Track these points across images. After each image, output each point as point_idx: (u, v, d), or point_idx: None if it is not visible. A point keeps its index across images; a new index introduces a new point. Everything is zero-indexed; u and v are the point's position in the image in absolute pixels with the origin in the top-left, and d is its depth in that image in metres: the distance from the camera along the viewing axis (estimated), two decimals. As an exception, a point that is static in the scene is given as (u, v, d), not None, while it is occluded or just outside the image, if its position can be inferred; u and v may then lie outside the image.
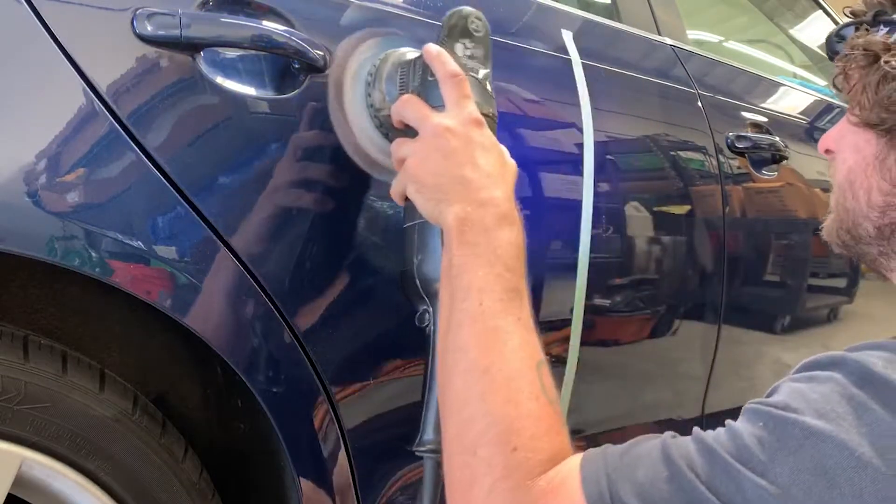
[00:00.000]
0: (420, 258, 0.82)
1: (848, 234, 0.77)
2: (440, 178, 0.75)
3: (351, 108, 0.87)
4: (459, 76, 0.78)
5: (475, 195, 0.74)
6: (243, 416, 0.95)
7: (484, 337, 0.69)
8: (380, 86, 0.87)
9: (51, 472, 0.77)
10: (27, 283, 0.86)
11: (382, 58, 0.89)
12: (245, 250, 0.82)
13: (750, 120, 1.55)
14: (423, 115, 0.78)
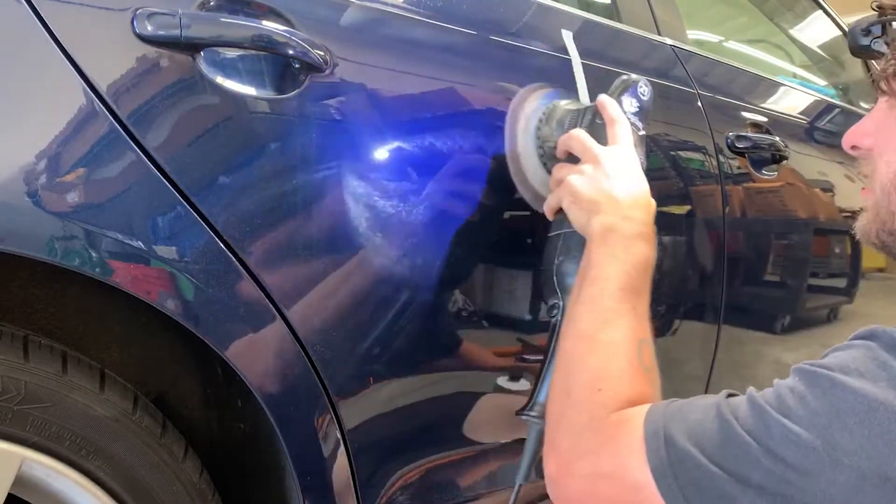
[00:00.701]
0: (560, 259, 0.94)
1: (892, 237, 0.75)
2: (596, 194, 0.88)
3: (522, 138, 1.02)
4: (624, 122, 0.93)
5: (622, 211, 0.87)
6: (243, 417, 0.95)
7: (597, 313, 0.81)
8: (550, 124, 1.02)
9: (51, 472, 0.77)
10: (27, 283, 0.86)
11: (553, 105, 1.04)
12: (245, 250, 0.82)
13: (750, 120, 1.55)
14: (588, 146, 0.92)
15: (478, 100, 1.02)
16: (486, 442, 1.10)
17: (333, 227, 0.88)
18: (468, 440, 1.07)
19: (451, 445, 1.06)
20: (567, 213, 0.93)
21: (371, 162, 0.91)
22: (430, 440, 1.05)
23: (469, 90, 1.02)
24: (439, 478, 1.06)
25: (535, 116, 1.04)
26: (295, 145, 0.84)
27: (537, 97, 1.05)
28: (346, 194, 0.89)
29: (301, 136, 0.85)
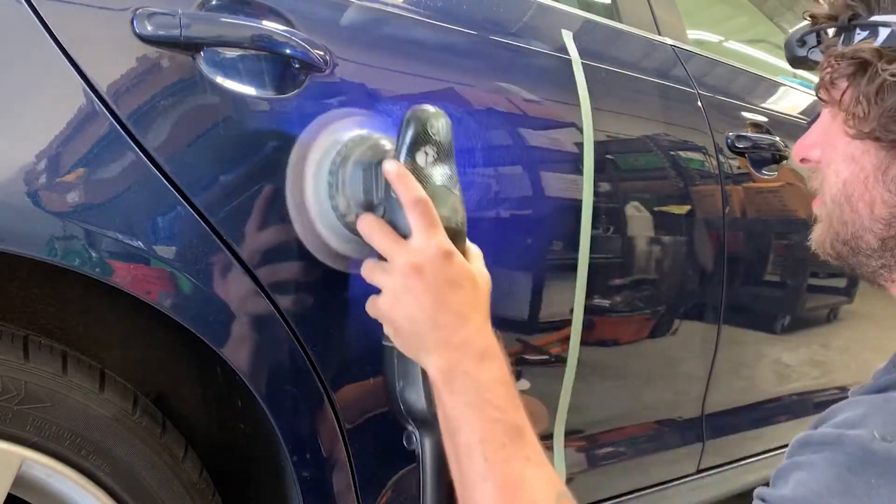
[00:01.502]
0: (402, 384, 0.83)
1: (846, 247, 0.73)
2: (415, 325, 0.76)
3: (314, 207, 0.85)
4: (423, 202, 0.76)
5: (450, 339, 0.75)
6: (243, 417, 0.95)
7: (499, 493, 0.70)
8: (344, 190, 0.84)
9: (51, 472, 0.77)
10: (27, 283, 0.86)
11: (342, 153, 0.85)
12: (245, 250, 0.82)
13: (750, 120, 1.55)
14: (391, 248, 0.77)
15: (478, 100, 1.02)
16: (486, 442, 1.10)
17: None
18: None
19: (451, 445, 1.06)
20: (393, 342, 0.80)
21: (371, 162, 0.90)
22: (430, 440, 1.05)
23: (469, 90, 1.02)
24: (439, 478, 1.06)
25: (325, 172, 0.85)
26: (295, 145, 0.84)
27: (324, 142, 0.86)
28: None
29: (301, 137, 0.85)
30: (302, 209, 0.85)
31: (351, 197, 0.84)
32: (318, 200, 0.85)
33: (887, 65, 0.65)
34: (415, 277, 0.75)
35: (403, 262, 0.76)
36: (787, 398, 1.70)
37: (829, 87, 0.71)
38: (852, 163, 0.70)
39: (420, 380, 0.80)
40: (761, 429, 1.62)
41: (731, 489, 1.63)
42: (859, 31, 0.69)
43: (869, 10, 0.69)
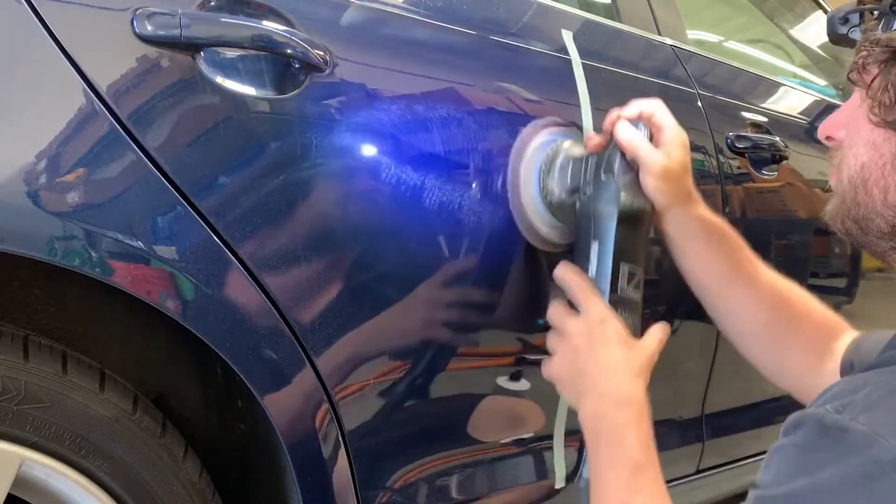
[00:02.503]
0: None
1: (856, 225, 0.75)
2: (571, 375, 0.88)
3: (526, 189, 0.99)
4: (584, 289, 0.89)
5: (596, 387, 0.85)
6: (243, 417, 0.95)
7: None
8: (553, 174, 0.98)
9: (51, 472, 0.77)
10: (27, 283, 0.86)
11: (554, 149, 1.00)
12: (245, 250, 0.82)
13: (750, 120, 1.55)
14: (562, 322, 0.90)
15: (478, 100, 1.02)
16: (486, 442, 1.10)
17: (334, 226, 0.88)
18: (468, 440, 1.07)
19: (451, 446, 1.06)
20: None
21: (371, 162, 0.91)
22: (430, 440, 1.05)
23: (469, 90, 1.02)
24: (439, 478, 1.06)
25: (538, 161, 1.00)
26: (295, 145, 0.84)
27: (540, 137, 1.02)
28: (345, 194, 0.89)
29: (301, 137, 0.85)
30: (516, 194, 0.99)
31: (558, 180, 0.97)
32: (529, 185, 0.99)
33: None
34: (575, 340, 0.88)
35: (570, 331, 0.89)
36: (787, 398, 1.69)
37: (861, 70, 0.72)
38: (873, 149, 0.71)
39: None
40: (761, 429, 1.62)
41: (731, 489, 1.63)
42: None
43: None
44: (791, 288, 1.03)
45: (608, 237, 0.90)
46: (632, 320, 0.91)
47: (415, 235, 0.94)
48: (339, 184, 0.88)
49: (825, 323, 1.01)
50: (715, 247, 0.99)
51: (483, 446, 1.10)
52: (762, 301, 1.00)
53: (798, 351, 1.01)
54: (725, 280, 1.00)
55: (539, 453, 1.16)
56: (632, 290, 0.91)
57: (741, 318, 1.02)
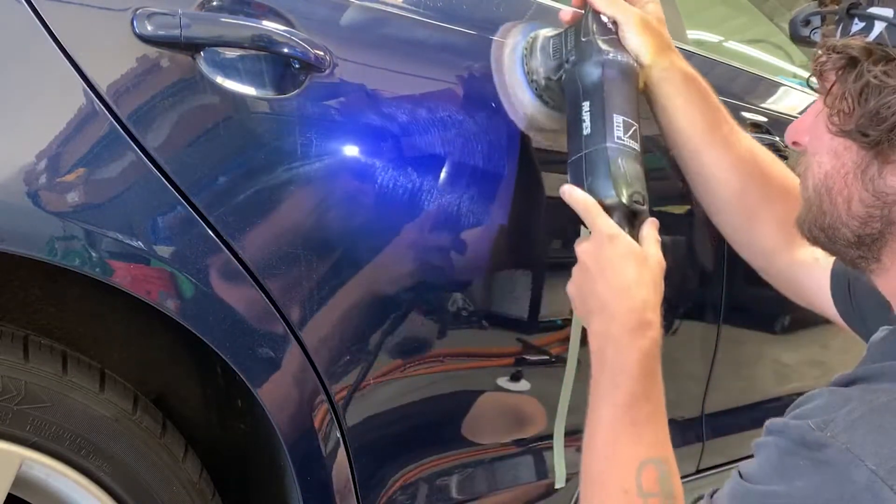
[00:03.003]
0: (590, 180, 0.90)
1: (823, 234, 0.73)
2: (583, 297, 0.87)
3: (511, 78, 1.00)
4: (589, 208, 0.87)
5: (605, 311, 0.83)
6: (243, 417, 0.95)
7: (595, 446, 0.80)
8: (536, 55, 1.00)
9: (51, 472, 0.77)
10: (27, 282, 0.86)
11: (533, 35, 1.02)
12: (244, 250, 0.82)
13: (750, 120, 1.55)
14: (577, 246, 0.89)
15: (477, 100, 1.02)
16: (485, 442, 1.10)
17: (334, 226, 0.88)
18: (468, 441, 1.07)
19: (451, 446, 1.06)
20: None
21: (372, 162, 0.91)
22: (430, 440, 1.05)
23: (469, 90, 1.02)
24: (439, 478, 1.06)
25: (519, 49, 1.02)
26: (295, 146, 0.84)
27: (517, 31, 1.04)
28: (345, 194, 0.89)
29: (301, 137, 0.85)
30: (502, 83, 1.00)
31: (542, 61, 0.99)
32: (514, 71, 1.00)
33: (873, 65, 0.64)
34: (585, 262, 0.87)
35: (580, 252, 0.88)
36: (786, 398, 1.70)
37: (820, 77, 0.71)
38: (834, 157, 0.70)
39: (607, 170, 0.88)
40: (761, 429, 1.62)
41: (730, 489, 1.63)
42: (857, 21, 0.68)
43: (869, 1, 0.68)
44: (771, 161, 1.01)
45: (597, 92, 0.91)
46: (633, 167, 0.89)
47: (415, 235, 0.94)
48: (339, 184, 0.88)
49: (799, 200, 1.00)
50: (694, 103, 0.98)
51: (483, 446, 1.10)
52: (736, 167, 0.98)
53: (767, 226, 0.99)
54: (701, 139, 0.99)
55: (539, 453, 1.16)
56: (629, 139, 0.90)
57: (713, 183, 1.00)
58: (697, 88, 0.98)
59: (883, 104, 0.64)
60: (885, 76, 0.63)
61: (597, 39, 0.92)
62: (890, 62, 0.64)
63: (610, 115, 0.89)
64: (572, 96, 0.93)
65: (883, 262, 0.70)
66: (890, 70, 0.63)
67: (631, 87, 0.93)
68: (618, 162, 0.88)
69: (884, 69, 0.64)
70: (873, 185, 0.67)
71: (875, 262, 0.71)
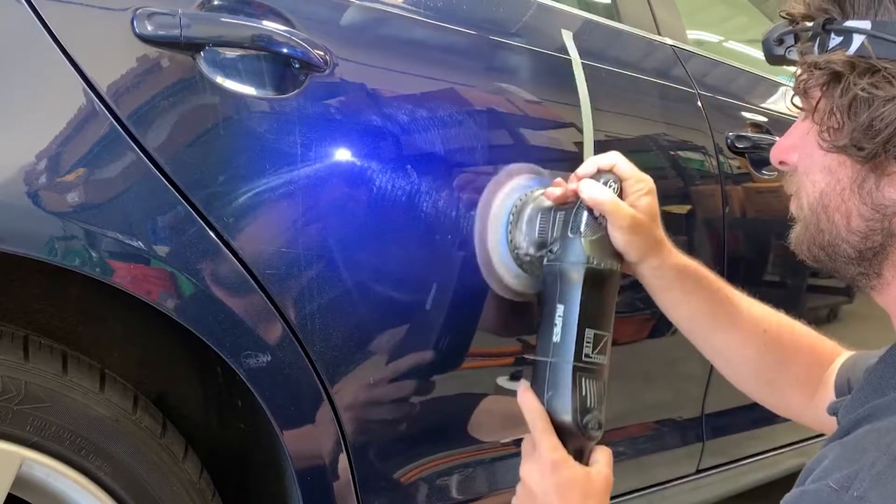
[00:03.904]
0: (551, 394, 0.88)
1: (823, 252, 0.72)
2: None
3: (492, 237, 0.98)
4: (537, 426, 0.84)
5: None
6: (243, 417, 0.95)
7: None
8: (521, 227, 0.97)
9: (51, 472, 0.77)
10: (27, 282, 0.86)
11: (524, 199, 0.98)
12: (244, 250, 0.82)
13: (750, 120, 1.55)
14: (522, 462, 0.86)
15: (478, 100, 1.02)
16: (486, 442, 1.10)
17: (334, 226, 0.88)
18: (468, 440, 1.07)
19: (451, 446, 1.06)
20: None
21: (372, 162, 0.91)
22: (430, 440, 1.05)
23: (469, 90, 1.02)
24: (439, 478, 1.06)
25: (507, 212, 0.98)
26: (295, 146, 0.84)
27: (511, 185, 1.00)
28: (345, 194, 0.89)
29: (301, 137, 0.85)
30: (483, 242, 0.97)
31: (526, 234, 0.96)
32: (496, 234, 0.98)
33: (859, 78, 0.63)
34: (528, 483, 0.84)
35: (522, 478, 0.85)
36: (787, 398, 1.70)
37: (804, 95, 0.70)
38: (829, 174, 0.68)
39: (569, 392, 0.86)
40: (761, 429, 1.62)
41: (731, 489, 1.63)
42: (833, 36, 0.66)
43: (843, 14, 0.66)
44: (778, 322, 1.01)
45: (574, 301, 0.87)
46: (595, 388, 0.87)
47: (416, 235, 0.94)
48: (338, 184, 0.88)
49: (815, 353, 1.00)
50: (691, 293, 0.97)
51: (483, 446, 1.10)
52: (748, 341, 0.99)
53: (791, 388, 1.00)
54: (707, 325, 0.99)
55: (539, 453, 1.16)
56: (597, 355, 0.88)
57: (730, 360, 1.01)
58: (693, 278, 0.96)
59: (876, 117, 0.62)
60: (874, 88, 0.62)
61: (584, 241, 0.88)
62: (875, 74, 0.62)
63: (582, 330, 0.87)
64: (549, 290, 0.90)
65: (884, 277, 0.69)
66: (877, 82, 0.62)
67: (610, 295, 0.91)
68: (581, 383, 0.86)
69: (870, 81, 0.62)
70: (871, 198, 0.66)
71: (876, 278, 0.70)
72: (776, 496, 0.65)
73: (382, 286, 0.93)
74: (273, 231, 0.84)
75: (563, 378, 0.86)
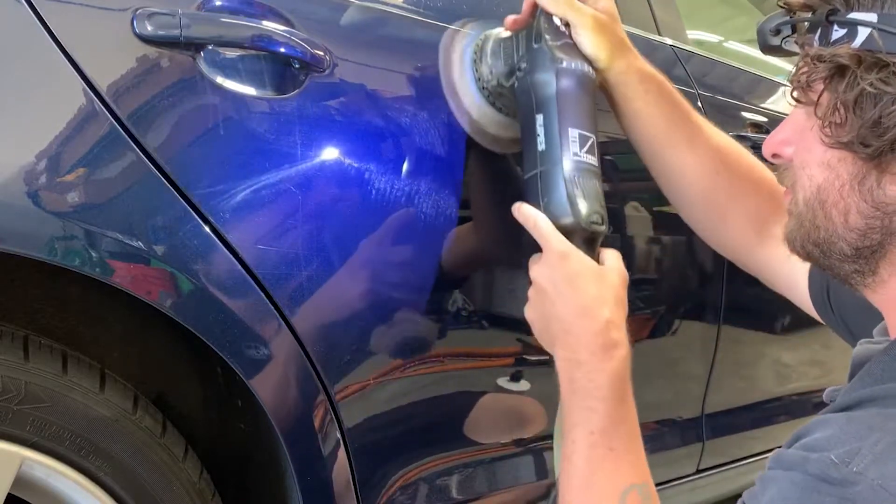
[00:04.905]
0: (546, 201, 0.85)
1: (817, 249, 0.69)
2: (545, 322, 0.82)
3: (461, 83, 0.95)
4: (539, 226, 0.82)
5: (569, 336, 0.78)
6: (243, 416, 0.95)
7: (573, 476, 0.76)
8: (486, 60, 0.94)
9: (51, 472, 0.77)
10: (27, 283, 0.86)
11: (483, 37, 0.96)
12: (245, 249, 0.82)
13: (750, 120, 1.55)
14: (529, 267, 0.84)
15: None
16: (485, 442, 1.10)
17: (334, 226, 0.88)
18: (468, 440, 1.07)
19: (451, 446, 1.06)
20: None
21: (372, 162, 0.91)
22: (429, 440, 1.05)
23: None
24: (439, 478, 1.06)
25: (469, 52, 0.95)
26: (295, 146, 0.84)
27: (466, 31, 0.98)
28: (345, 194, 0.89)
29: (301, 137, 0.85)
30: (451, 88, 0.95)
31: (493, 65, 0.93)
32: (463, 76, 0.95)
33: (866, 73, 0.61)
34: (540, 285, 0.81)
35: (533, 276, 0.82)
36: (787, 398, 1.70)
37: (805, 88, 0.68)
38: (828, 169, 0.67)
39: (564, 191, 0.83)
40: (761, 429, 1.62)
41: (731, 489, 1.63)
42: (837, 28, 0.64)
43: (847, 6, 0.64)
44: (739, 155, 0.97)
45: (551, 104, 0.84)
46: (591, 185, 0.84)
47: (416, 235, 0.94)
48: (339, 184, 0.88)
49: (773, 196, 0.95)
50: (653, 104, 0.94)
51: (483, 446, 1.10)
52: (701, 165, 0.95)
53: (738, 223, 0.96)
54: (662, 140, 0.95)
55: (539, 453, 1.16)
56: (585, 154, 0.84)
57: (679, 183, 0.97)
58: (657, 88, 0.94)
59: (885, 114, 0.61)
60: (883, 83, 0.60)
61: (549, 45, 0.86)
62: (884, 69, 0.61)
63: (565, 130, 0.84)
64: (525, 108, 0.88)
65: (880, 275, 0.68)
66: (886, 77, 0.60)
67: (587, 96, 0.87)
68: (575, 180, 0.83)
69: (879, 76, 0.61)
70: (872, 195, 0.65)
71: (871, 276, 0.68)
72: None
73: (383, 285, 0.93)
74: (273, 231, 0.84)
75: (555, 180, 0.83)
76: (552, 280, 0.80)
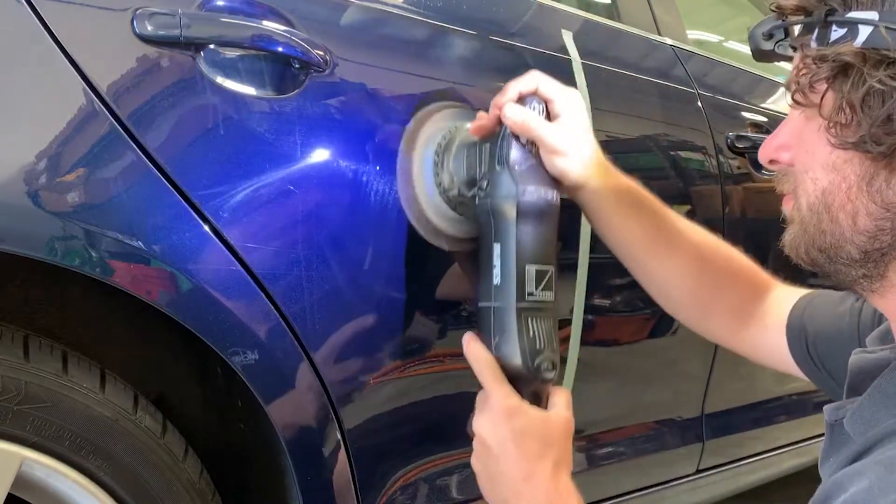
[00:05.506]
0: (497, 339, 0.82)
1: (822, 255, 0.67)
2: (491, 479, 0.79)
3: (419, 183, 0.92)
4: (486, 374, 0.80)
5: (520, 497, 0.76)
6: (243, 417, 0.95)
7: None
8: (448, 167, 0.91)
9: (51, 472, 0.77)
10: (27, 283, 0.86)
11: (448, 136, 0.92)
12: (245, 249, 0.82)
13: (750, 120, 1.55)
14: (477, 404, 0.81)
15: (477, 100, 1.02)
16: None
17: (334, 226, 0.88)
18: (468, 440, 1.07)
19: (450, 446, 1.06)
20: None
21: (371, 162, 0.91)
22: (429, 440, 1.05)
23: (469, 90, 1.02)
24: (439, 478, 1.06)
25: (430, 159, 0.92)
26: (295, 145, 0.84)
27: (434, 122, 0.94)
28: (345, 194, 0.89)
29: (301, 137, 0.85)
30: (408, 188, 0.91)
31: (454, 173, 0.90)
32: (424, 179, 0.92)
33: (873, 70, 0.60)
34: (483, 436, 0.79)
35: (477, 433, 0.80)
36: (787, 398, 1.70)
37: (807, 90, 0.65)
38: (833, 171, 0.64)
39: (516, 335, 0.80)
40: (761, 429, 1.62)
41: (731, 489, 1.63)
42: (836, 28, 0.63)
43: (846, 6, 0.63)
44: (716, 249, 0.97)
45: (509, 239, 0.81)
46: (545, 327, 0.82)
47: (415, 234, 0.94)
48: (339, 184, 0.88)
49: (751, 283, 0.97)
50: (632, 218, 0.92)
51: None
52: (683, 268, 0.95)
53: (721, 317, 0.97)
54: (646, 251, 0.94)
55: (539, 453, 1.16)
56: (542, 292, 0.82)
57: (665, 287, 0.97)
58: (631, 200, 0.93)
59: (895, 110, 0.59)
60: (891, 80, 0.59)
61: (512, 172, 0.82)
62: (891, 65, 0.59)
63: (522, 268, 0.81)
64: (484, 231, 0.84)
65: (889, 279, 0.66)
66: (894, 74, 0.59)
67: (549, 225, 0.84)
68: (528, 323, 0.80)
69: (887, 73, 0.59)
70: (881, 196, 0.63)
71: (879, 281, 0.66)
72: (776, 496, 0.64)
73: (384, 285, 0.93)
74: (273, 231, 0.84)
75: (508, 321, 0.80)
76: (496, 437, 0.77)
